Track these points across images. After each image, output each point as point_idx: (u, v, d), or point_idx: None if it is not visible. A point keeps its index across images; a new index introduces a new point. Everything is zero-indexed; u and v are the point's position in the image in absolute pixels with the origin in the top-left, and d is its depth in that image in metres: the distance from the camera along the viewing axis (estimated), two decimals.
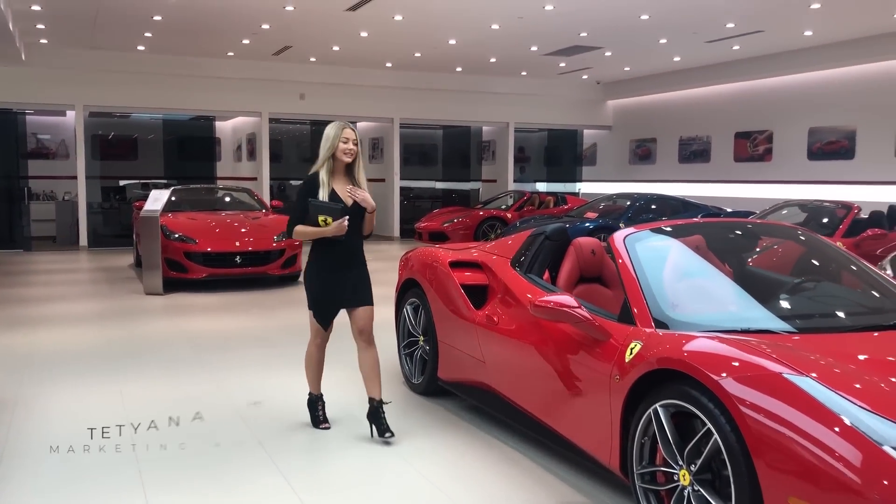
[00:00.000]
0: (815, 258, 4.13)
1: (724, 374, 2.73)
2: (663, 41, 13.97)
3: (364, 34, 13.49)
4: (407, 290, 5.42)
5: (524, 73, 18.24)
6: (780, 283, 3.80)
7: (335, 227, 4.13)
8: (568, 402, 3.65)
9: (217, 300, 9.27)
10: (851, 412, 2.48)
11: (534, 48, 14.79)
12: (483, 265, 4.77)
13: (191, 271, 9.99)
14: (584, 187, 21.07)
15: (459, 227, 15.60)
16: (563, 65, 16.66)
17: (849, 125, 14.38)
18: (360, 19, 12.26)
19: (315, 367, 4.50)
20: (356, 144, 4.26)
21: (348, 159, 4.25)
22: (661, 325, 3.31)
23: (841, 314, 3.60)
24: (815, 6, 11.18)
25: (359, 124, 20.06)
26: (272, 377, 5.73)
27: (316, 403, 4.54)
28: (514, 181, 20.01)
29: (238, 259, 10.16)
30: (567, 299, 3.50)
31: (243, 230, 10.59)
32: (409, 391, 5.33)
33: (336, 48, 14.98)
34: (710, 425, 2.76)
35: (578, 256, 4.50)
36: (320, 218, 4.15)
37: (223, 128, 20.91)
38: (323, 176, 4.23)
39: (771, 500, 2.52)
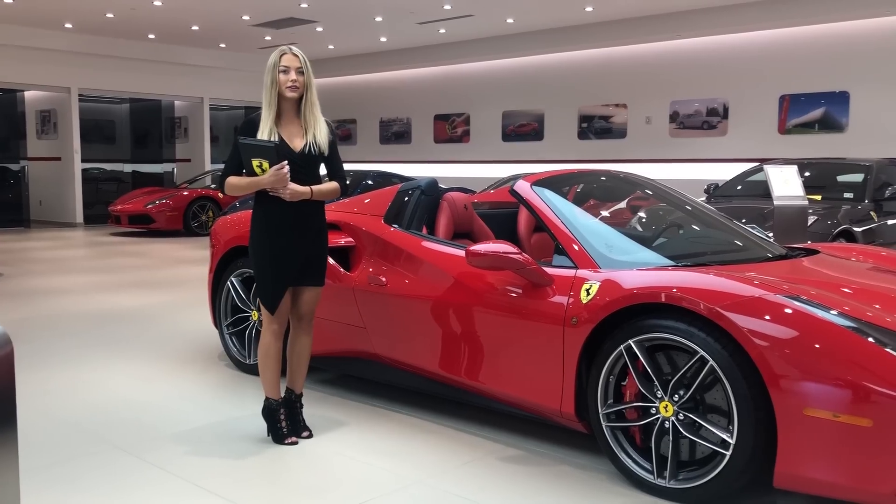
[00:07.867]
0: (672, 205, 4.45)
1: (717, 302, 2.82)
2: (379, 19, 14.10)
3: None
4: (231, 260, 4.79)
5: (223, 45, 17.22)
6: (670, 226, 4.04)
7: (271, 174, 3.28)
8: (500, 354, 3.51)
9: None
10: (842, 322, 2.71)
11: (245, 17, 13.99)
12: (343, 224, 4.38)
13: None
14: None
15: (165, 208, 14.27)
16: (268, 38, 16.01)
17: (538, 109, 15.89)
18: None
19: (274, 364, 3.54)
20: (302, 73, 3.44)
21: (293, 94, 3.43)
22: (602, 266, 3.33)
23: (737, 249, 3.93)
24: None
25: (27, 94, 17.36)
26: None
27: (277, 412, 3.55)
28: (212, 161, 18.82)
29: None
30: (505, 246, 3.34)
31: None
32: (242, 373, 4.74)
33: (9, 0, 12.72)
34: (703, 353, 2.83)
35: (452, 211, 4.35)
36: (254, 163, 3.31)
37: None
38: (265, 114, 3.42)
39: (786, 414, 2.65)
